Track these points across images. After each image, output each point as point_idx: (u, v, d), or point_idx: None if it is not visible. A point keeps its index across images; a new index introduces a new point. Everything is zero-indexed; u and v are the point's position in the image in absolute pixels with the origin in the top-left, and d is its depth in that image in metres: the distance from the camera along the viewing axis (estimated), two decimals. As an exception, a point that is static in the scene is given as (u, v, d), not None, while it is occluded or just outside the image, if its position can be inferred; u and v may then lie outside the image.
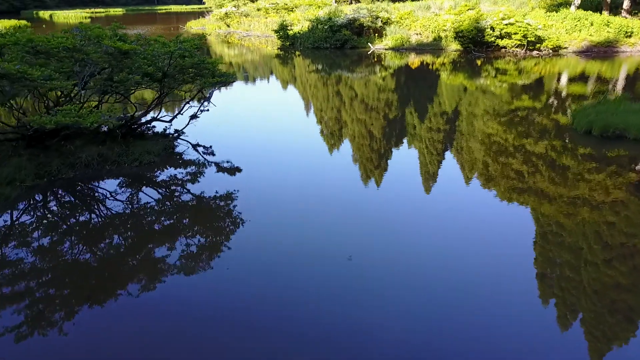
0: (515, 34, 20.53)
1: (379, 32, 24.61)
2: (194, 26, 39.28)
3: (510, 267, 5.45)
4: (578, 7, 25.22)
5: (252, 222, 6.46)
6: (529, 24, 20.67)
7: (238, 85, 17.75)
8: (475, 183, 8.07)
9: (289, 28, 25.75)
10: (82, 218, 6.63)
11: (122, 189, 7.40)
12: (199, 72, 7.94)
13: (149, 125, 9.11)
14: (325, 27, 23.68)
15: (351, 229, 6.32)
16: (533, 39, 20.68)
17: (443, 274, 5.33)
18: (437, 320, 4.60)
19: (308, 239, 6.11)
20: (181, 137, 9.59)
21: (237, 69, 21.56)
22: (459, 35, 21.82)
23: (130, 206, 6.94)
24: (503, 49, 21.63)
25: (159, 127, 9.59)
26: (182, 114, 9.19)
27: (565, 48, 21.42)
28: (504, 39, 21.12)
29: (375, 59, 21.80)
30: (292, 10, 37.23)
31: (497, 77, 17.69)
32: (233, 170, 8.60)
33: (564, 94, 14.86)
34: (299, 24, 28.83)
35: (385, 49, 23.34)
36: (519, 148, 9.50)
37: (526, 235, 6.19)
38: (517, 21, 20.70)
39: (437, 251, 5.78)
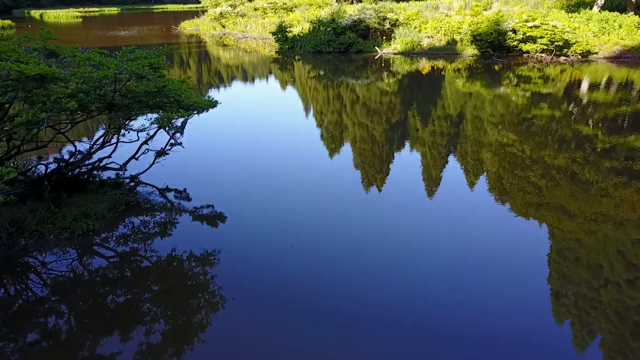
0: (541, 37, 18.32)
1: (387, 35, 22.39)
2: (187, 27, 37.10)
3: (520, 282, 5.11)
4: (601, 8, 23.07)
5: (244, 262, 5.53)
6: (555, 27, 18.46)
7: (227, 94, 15.54)
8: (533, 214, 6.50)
9: (287, 30, 23.51)
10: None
11: (40, 280, 5.12)
12: (158, 103, 5.70)
13: (98, 169, 6.86)
14: (328, 29, 21.44)
15: (353, 239, 5.97)
16: (560, 43, 18.46)
17: (446, 287, 5.00)
18: (440, 341, 4.29)
19: (307, 251, 5.70)
20: (144, 182, 7.37)
21: (233, 73, 19.36)
22: (476, 38, 19.61)
23: (49, 308, 4.74)
24: (526, 55, 19.42)
25: (111, 171, 7.35)
26: (137, 159, 6.90)
27: (596, 53, 19.20)
28: (528, 44, 18.90)
29: (384, 64, 19.60)
30: (291, 10, 35.02)
31: (520, 86, 15.57)
32: (214, 219, 6.61)
33: (616, 112, 12.60)
34: (299, 25, 26.62)
35: (394, 54, 21.12)
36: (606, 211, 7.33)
37: (539, 249, 5.76)
38: (542, 23, 18.49)
39: (441, 262, 5.47)
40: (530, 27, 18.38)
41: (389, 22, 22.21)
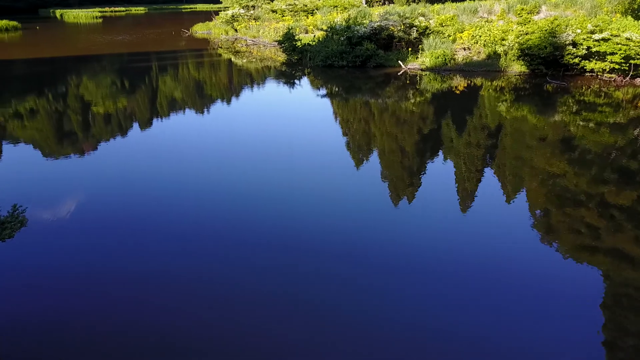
0: (612, 54, 14.21)
1: (414, 46, 18.64)
2: (199, 30, 34.27)
3: (568, 328, 4.47)
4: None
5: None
6: (629, 40, 14.29)
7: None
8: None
9: (296, 38, 20.07)
10: None
11: None
12: None
13: None
14: (342, 38, 17.87)
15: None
16: (638, 61, 14.29)
17: (477, 328, 4.47)
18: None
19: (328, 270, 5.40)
20: None
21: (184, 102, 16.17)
22: (525, 53, 15.64)
23: None
24: (589, 74, 15.31)
25: None
26: None
27: (683, 74, 14.89)
28: (593, 61, 14.80)
29: (409, 82, 15.95)
30: (312, 13, 31.65)
31: (582, 115, 12.16)
32: None
33: None
34: (314, 32, 23.22)
35: (422, 70, 17.36)
36: None
37: (591, 295, 5.00)
38: (612, 35, 14.37)
39: (474, 295, 4.95)
40: (598, 41, 14.29)
41: (417, 30, 18.43)
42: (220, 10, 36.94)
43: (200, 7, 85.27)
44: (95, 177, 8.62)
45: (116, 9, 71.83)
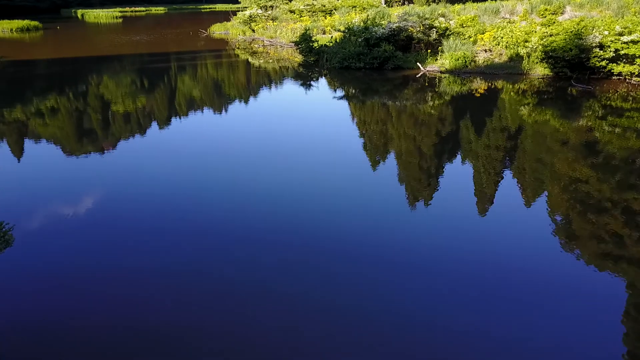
0: (641, 57, 13.77)
1: (433, 47, 18.36)
2: (217, 30, 34.42)
3: (588, 339, 4.40)
4: None
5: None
6: (659, 42, 13.82)
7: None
8: None
9: (313, 39, 19.95)
10: None
11: None
12: None
13: None
14: (360, 39, 17.69)
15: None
16: (668, 64, 13.83)
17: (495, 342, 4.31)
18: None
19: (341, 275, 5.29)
20: None
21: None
22: (549, 55, 15.25)
23: None
24: (617, 78, 14.86)
25: None
26: None
27: None
28: (621, 64, 14.37)
29: (427, 84, 15.71)
30: (329, 14, 31.55)
31: (607, 119, 11.66)
32: None
33: None
34: (332, 33, 23.09)
35: (441, 72, 17.08)
36: None
37: (613, 304, 4.83)
38: (642, 37, 13.92)
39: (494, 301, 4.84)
40: (626, 43, 13.86)
41: (437, 32, 18.15)
42: (239, 10, 37.07)
43: (219, 7, 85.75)
44: (108, 175, 8.62)
45: (136, 9, 72.70)
